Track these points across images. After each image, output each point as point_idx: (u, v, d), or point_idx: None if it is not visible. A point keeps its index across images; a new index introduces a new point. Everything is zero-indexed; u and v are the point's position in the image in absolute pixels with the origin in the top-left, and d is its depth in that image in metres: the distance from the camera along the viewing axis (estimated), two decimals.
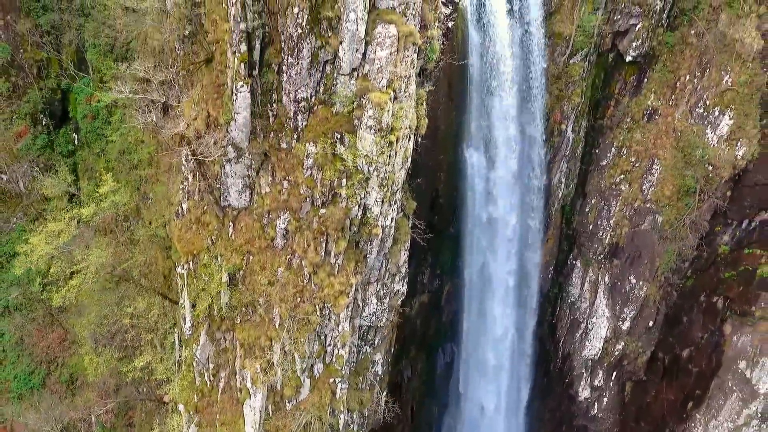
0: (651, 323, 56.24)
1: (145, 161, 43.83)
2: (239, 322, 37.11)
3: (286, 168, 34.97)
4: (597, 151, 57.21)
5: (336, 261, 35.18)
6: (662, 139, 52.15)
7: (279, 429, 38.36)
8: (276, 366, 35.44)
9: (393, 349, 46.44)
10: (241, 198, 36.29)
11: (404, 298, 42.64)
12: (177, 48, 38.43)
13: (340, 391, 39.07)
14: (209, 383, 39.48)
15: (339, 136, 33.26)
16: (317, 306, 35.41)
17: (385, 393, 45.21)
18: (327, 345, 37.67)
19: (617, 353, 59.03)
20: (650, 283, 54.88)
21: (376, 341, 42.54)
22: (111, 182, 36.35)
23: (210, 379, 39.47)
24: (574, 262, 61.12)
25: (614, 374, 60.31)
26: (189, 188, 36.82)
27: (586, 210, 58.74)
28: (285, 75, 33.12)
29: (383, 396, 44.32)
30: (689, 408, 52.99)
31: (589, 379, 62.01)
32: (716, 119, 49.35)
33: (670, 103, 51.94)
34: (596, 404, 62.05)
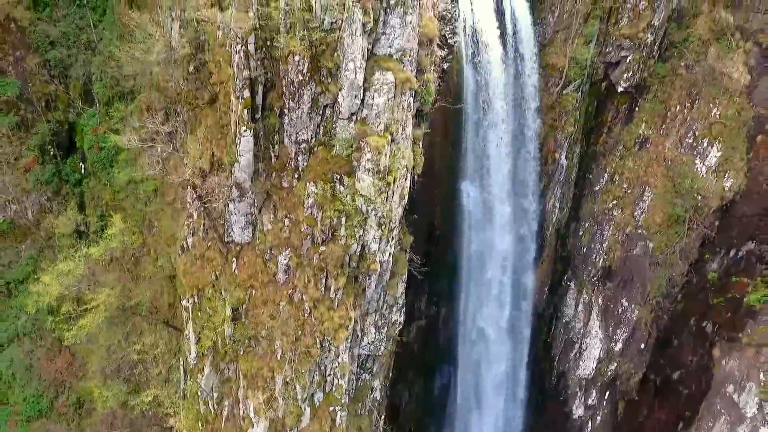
0: (643, 345, 57.17)
1: (151, 192, 45.12)
2: (242, 354, 38.31)
3: (288, 206, 36.27)
4: (590, 177, 58.30)
5: (336, 296, 36.45)
6: (653, 168, 53.21)
7: None
8: (278, 398, 36.69)
9: (391, 374, 47.62)
10: (244, 234, 37.52)
11: (402, 327, 43.83)
12: (182, 84, 39.77)
13: (340, 419, 40.16)
14: (213, 411, 40.68)
15: (338, 177, 34.61)
16: (317, 339, 36.67)
17: (383, 417, 46.35)
18: (327, 375, 38.81)
19: (610, 373, 59.91)
20: (642, 307, 55.85)
21: (375, 369, 43.68)
22: (119, 222, 37.71)
23: (214, 408, 40.67)
24: (569, 284, 62.15)
25: (607, 393, 61.26)
26: (194, 225, 38.05)
27: (580, 233, 59.82)
28: (286, 118, 34.47)
29: (381, 421, 45.46)
30: (680, 429, 54.02)
31: (583, 398, 62.95)
32: (705, 150, 50.36)
33: (661, 132, 53.03)
34: (590, 423, 62.97)
